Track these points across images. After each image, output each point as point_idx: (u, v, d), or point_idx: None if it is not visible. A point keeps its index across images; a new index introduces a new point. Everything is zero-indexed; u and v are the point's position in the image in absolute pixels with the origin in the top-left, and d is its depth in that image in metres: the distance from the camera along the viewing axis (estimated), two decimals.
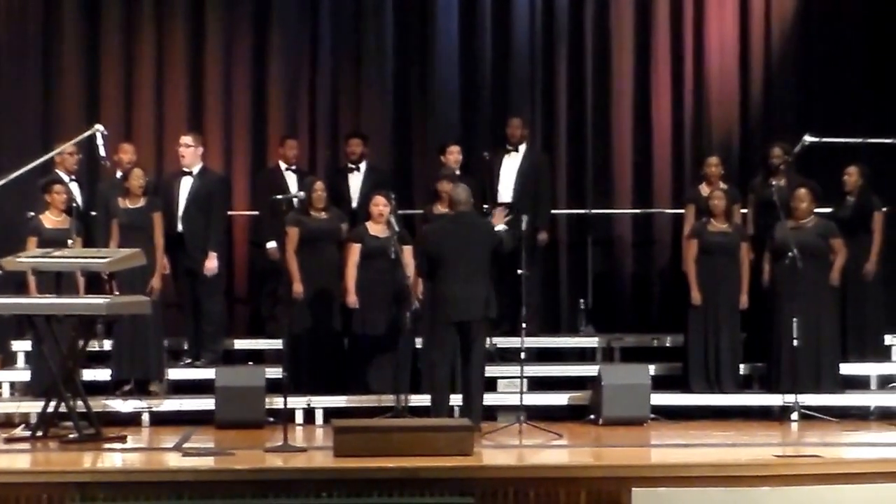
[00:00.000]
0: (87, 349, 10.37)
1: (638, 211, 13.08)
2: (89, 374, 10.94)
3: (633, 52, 13.15)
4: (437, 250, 10.31)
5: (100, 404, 10.54)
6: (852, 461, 9.11)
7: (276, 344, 11.18)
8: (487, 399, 10.61)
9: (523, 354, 10.60)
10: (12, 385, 11.35)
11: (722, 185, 11.66)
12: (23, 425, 10.28)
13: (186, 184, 11.50)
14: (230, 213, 12.24)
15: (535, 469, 8.89)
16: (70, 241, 10.64)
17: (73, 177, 11.44)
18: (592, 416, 10.94)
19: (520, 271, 10.68)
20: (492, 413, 10.84)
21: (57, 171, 11.36)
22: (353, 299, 10.98)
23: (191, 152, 11.53)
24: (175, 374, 11.34)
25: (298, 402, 10.70)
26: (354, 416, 10.31)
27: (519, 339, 10.59)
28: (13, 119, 12.43)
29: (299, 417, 10.77)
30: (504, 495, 8.48)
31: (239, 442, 9.77)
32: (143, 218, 11.07)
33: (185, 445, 9.61)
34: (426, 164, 12.76)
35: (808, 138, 11.72)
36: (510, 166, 12.12)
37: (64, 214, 10.92)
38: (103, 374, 11.04)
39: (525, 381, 10.66)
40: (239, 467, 8.77)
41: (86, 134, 11.16)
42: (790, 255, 10.91)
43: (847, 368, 11.38)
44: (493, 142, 12.48)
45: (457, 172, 11.88)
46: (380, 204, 11.03)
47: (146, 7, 12.81)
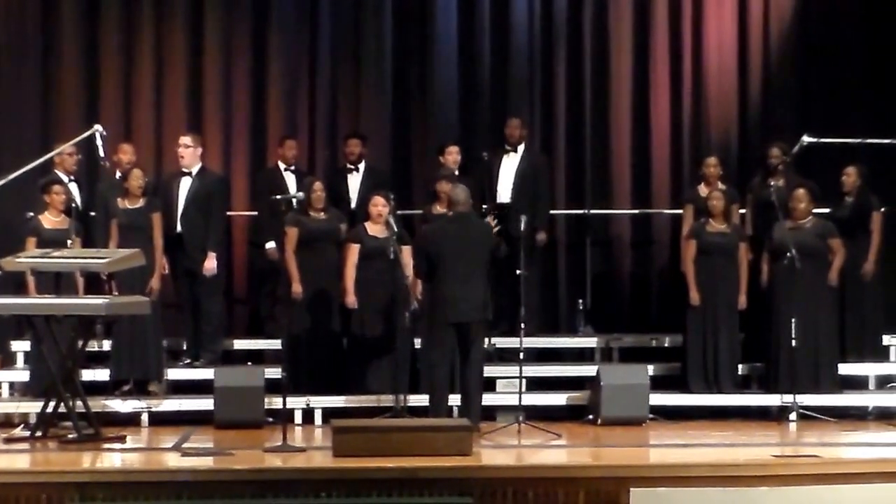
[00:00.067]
0: (87, 349, 10.38)
1: (636, 211, 13.08)
2: (88, 375, 10.94)
3: (631, 52, 13.15)
4: (435, 251, 10.31)
5: (99, 404, 10.54)
6: (851, 461, 9.11)
7: (276, 344, 11.21)
8: (486, 399, 10.62)
9: (522, 354, 10.60)
10: (11, 385, 11.34)
11: (720, 185, 11.67)
12: (22, 425, 10.28)
13: (186, 184, 11.50)
14: (229, 213, 12.24)
15: (534, 469, 8.89)
16: (69, 242, 10.63)
17: (72, 177, 11.45)
18: (591, 417, 10.95)
19: (518, 271, 10.70)
20: (491, 413, 10.84)
21: (56, 171, 11.36)
22: (351, 299, 10.99)
23: (190, 153, 11.53)
24: (174, 374, 11.34)
25: (297, 403, 10.70)
26: (353, 417, 10.30)
27: (518, 340, 10.58)
28: (12, 119, 12.43)
29: (298, 417, 10.76)
30: (503, 495, 8.48)
31: (238, 442, 9.77)
32: (142, 218, 11.07)
33: (185, 445, 9.62)
34: (425, 164, 12.76)
35: (806, 139, 11.72)
36: (509, 167, 12.13)
37: (63, 215, 10.92)
38: (102, 375, 11.04)
39: (524, 381, 10.65)
40: (238, 467, 8.77)
41: (85, 134, 11.19)
42: (789, 255, 10.91)
43: (845, 368, 11.39)
44: (492, 142, 12.47)
45: (455, 173, 11.89)
46: (379, 204, 11.03)
47: (146, 7, 12.81)
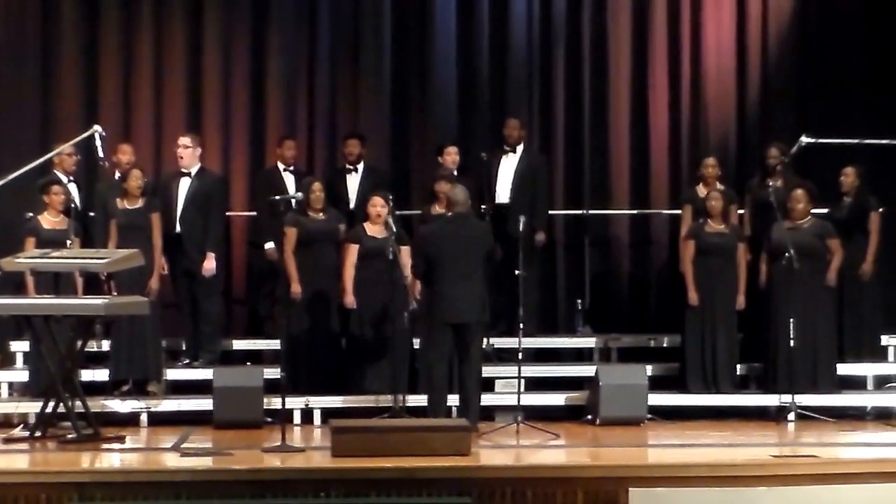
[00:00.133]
0: (86, 349, 10.38)
1: (635, 212, 13.09)
2: (88, 375, 10.95)
3: (630, 53, 13.16)
4: (434, 251, 10.32)
5: (98, 404, 10.54)
6: (849, 461, 9.11)
7: (274, 344, 11.22)
8: (485, 399, 10.63)
9: (520, 355, 10.61)
10: (11, 385, 11.35)
11: (719, 185, 11.69)
12: (21, 425, 10.28)
13: (185, 184, 11.51)
14: (228, 213, 12.25)
15: (533, 469, 8.89)
16: (68, 242, 10.63)
17: (71, 177, 11.45)
18: (589, 417, 10.95)
19: (517, 272, 10.70)
20: (489, 413, 10.84)
21: (55, 171, 11.36)
22: (350, 300, 11.00)
23: (189, 153, 11.54)
24: (173, 374, 11.35)
25: (296, 403, 10.70)
26: (352, 417, 10.29)
27: (516, 340, 10.59)
28: (12, 119, 12.44)
29: (297, 417, 10.77)
30: (501, 495, 8.48)
31: (237, 442, 9.77)
32: (141, 218, 11.07)
33: (184, 445, 9.62)
34: (424, 164, 12.76)
35: (804, 139, 11.71)
36: (508, 167, 12.14)
37: (62, 215, 10.92)
38: (102, 375, 11.05)
39: (522, 381, 10.64)
40: (237, 467, 8.77)
41: (84, 135, 11.17)
42: (787, 255, 10.92)
43: (844, 369, 11.39)
44: (491, 143, 12.48)
45: (454, 173, 11.90)
46: (377, 205, 11.04)
47: (145, 8, 12.82)
